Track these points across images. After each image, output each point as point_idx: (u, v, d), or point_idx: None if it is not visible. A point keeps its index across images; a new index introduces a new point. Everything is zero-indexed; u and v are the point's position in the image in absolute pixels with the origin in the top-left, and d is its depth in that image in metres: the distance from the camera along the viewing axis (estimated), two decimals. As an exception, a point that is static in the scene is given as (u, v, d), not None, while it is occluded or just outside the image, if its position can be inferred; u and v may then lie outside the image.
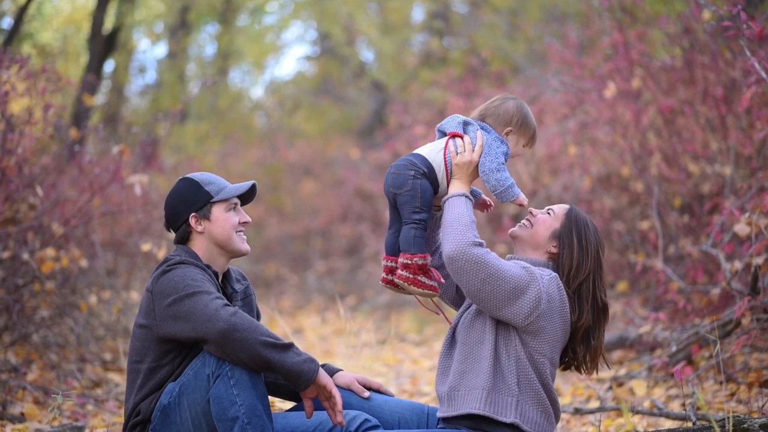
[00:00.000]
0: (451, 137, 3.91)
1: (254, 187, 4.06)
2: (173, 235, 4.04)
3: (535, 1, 14.24)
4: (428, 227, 3.97)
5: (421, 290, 3.83)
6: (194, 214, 3.95)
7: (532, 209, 4.03)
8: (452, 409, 3.79)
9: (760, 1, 7.88)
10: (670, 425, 5.09)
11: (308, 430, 3.87)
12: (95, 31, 13.16)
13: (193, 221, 3.95)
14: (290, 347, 3.65)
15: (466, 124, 3.93)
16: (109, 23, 14.02)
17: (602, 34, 9.32)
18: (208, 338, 3.65)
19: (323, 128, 19.14)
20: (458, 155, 3.86)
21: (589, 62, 9.22)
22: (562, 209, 3.99)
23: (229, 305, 3.69)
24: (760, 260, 5.59)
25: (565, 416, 5.67)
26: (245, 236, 4.03)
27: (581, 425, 5.53)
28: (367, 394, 4.01)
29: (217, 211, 3.96)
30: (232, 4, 19.05)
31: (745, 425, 4.20)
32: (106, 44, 13.51)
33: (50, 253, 6.44)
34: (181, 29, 18.55)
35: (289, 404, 5.04)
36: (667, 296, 7.05)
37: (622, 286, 8.13)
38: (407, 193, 3.82)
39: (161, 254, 7.28)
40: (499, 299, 3.67)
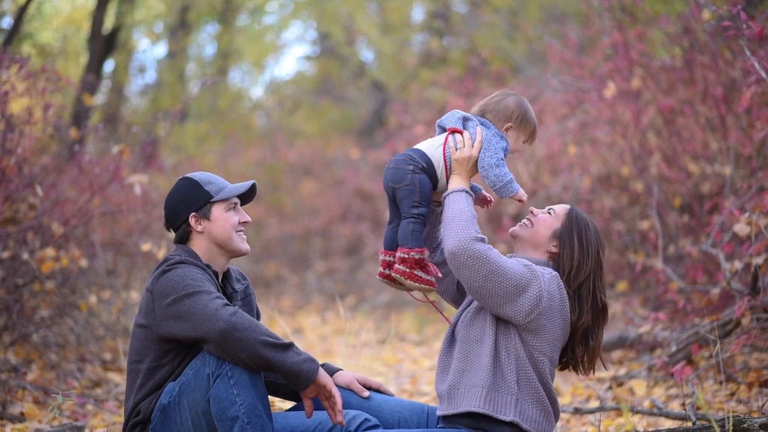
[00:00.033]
0: (450, 133, 3.91)
1: (254, 186, 4.06)
2: (173, 234, 4.04)
3: (534, 0, 14.23)
4: (428, 223, 3.97)
5: (417, 285, 3.82)
6: (194, 213, 3.95)
7: (532, 209, 4.03)
8: (452, 407, 3.79)
9: (759, 0, 7.88)
10: (669, 425, 5.09)
11: (308, 429, 3.87)
12: (95, 30, 13.16)
13: (192, 221, 3.95)
14: (290, 347, 3.65)
15: (465, 119, 3.93)
16: (109, 23, 14.02)
17: (602, 34, 9.32)
18: (208, 338, 3.65)
19: (323, 128, 19.14)
20: (458, 151, 3.86)
21: (589, 62, 9.22)
22: (563, 209, 3.99)
23: (229, 305, 3.69)
24: (759, 260, 5.59)
25: (564, 416, 5.67)
26: (245, 236, 4.03)
27: (581, 425, 5.53)
28: (366, 393, 4.01)
29: (216, 210, 3.96)
30: (231, 3, 19.05)
31: (745, 425, 4.20)
32: (105, 44, 13.51)
33: (50, 252, 6.43)
34: (180, 29, 18.55)
35: (289, 404, 5.04)
36: (666, 296, 7.05)
37: (622, 285, 8.13)
38: (406, 187, 3.82)
39: (161, 254, 7.28)
40: (500, 296, 3.67)
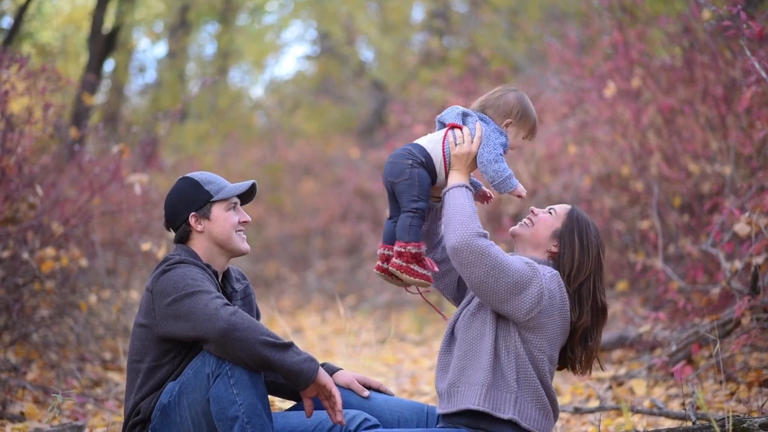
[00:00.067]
0: (450, 128, 3.91)
1: (254, 186, 4.06)
2: (173, 234, 4.03)
3: (534, 0, 14.24)
4: (428, 219, 3.98)
5: (413, 279, 3.82)
6: (194, 213, 3.95)
7: (533, 208, 4.03)
8: (451, 405, 3.79)
9: (760, 0, 7.88)
10: (669, 425, 5.09)
11: (308, 429, 3.88)
12: (95, 30, 13.16)
13: (192, 220, 3.95)
14: (290, 346, 3.65)
15: (465, 115, 3.93)
16: (109, 23, 14.02)
17: (602, 33, 9.32)
18: (208, 337, 3.65)
19: (323, 128, 19.14)
20: (457, 146, 3.86)
21: (588, 62, 9.22)
22: (563, 209, 3.99)
23: (229, 304, 3.69)
24: (759, 260, 5.59)
25: (564, 416, 5.67)
26: (245, 235, 4.03)
27: (581, 425, 5.52)
28: (366, 393, 4.01)
29: (216, 210, 3.96)
30: (231, 3, 19.05)
31: (744, 425, 4.20)
32: (105, 43, 13.51)
33: (50, 252, 6.43)
34: (180, 29, 18.55)
35: (288, 403, 5.04)
36: (666, 296, 7.05)
37: (621, 285, 8.13)
38: (405, 182, 3.82)
39: (161, 253, 7.28)
40: (501, 292, 3.67)
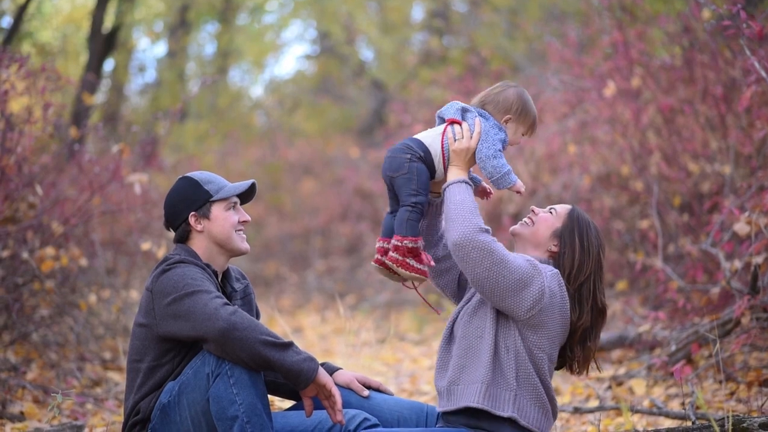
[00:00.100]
0: (449, 124, 3.91)
1: (254, 186, 4.06)
2: (173, 234, 4.03)
3: (534, 0, 14.24)
4: (428, 214, 3.98)
5: (409, 273, 3.83)
6: (194, 213, 3.95)
7: (534, 207, 4.03)
8: (451, 403, 3.79)
9: (759, 0, 7.88)
10: (669, 424, 5.09)
11: (308, 429, 3.88)
12: (95, 29, 13.16)
13: (192, 220, 3.95)
14: (290, 346, 3.65)
15: (464, 110, 3.93)
16: (108, 22, 14.02)
17: (602, 33, 9.32)
18: (207, 337, 3.65)
19: (323, 127, 19.15)
20: (456, 142, 3.86)
21: (588, 61, 9.21)
22: (564, 209, 3.99)
23: (228, 304, 3.69)
24: (759, 259, 5.59)
25: (564, 415, 5.66)
26: (245, 235, 4.03)
27: (581, 424, 5.52)
28: (366, 392, 4.01)
29: (216, 210, 3.96)
30: (231, 3, 19.06)
31: (744, 424, 4.20)
32: (105, 43, 13.51)
33: (50, 252, 6.43)
34: (180, 28, 18.56)
35: (288, 403, 5.04)
36: (666, 295, 7.05)
37: (621, 285, 8.12)
38: (403, 176, 3.83)
39: (161, 253, 7.28)
40: (503, 289, 3.67)
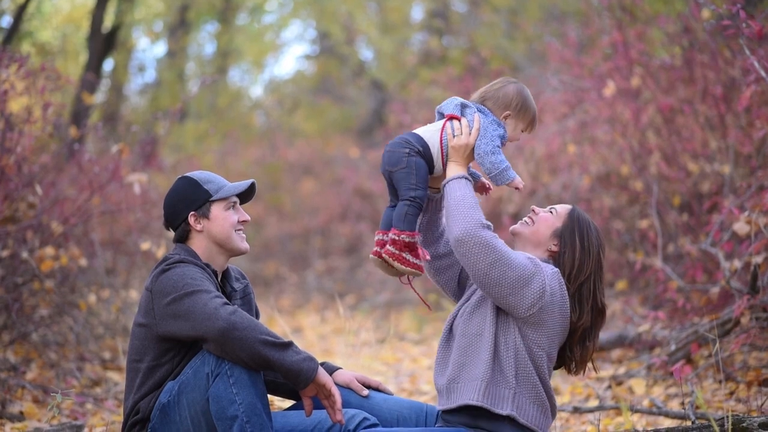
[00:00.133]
0: (448, 119, 3.91)
1: (253, 185, 4.06)
2: (172, 233, 4.03)
3: (534, 0, 14.24)
4: (429, 210, 3.98)
5: (404, 268, 3.83)
6: (193, 212, 3.94)
7: (534, 207, 4.03)
8: (450, 401, 3.79)
9: (759, 0, 7.88)
10: (669, 424, 5.09)
11: (307, 428, 3.87)
12: (94, 29, 13.17)
13: (192, 220, 3.95)
14: (289, 346, 3.65)
15: (464, 106, 3.93)
16: (108, 22, 14.02)
17: (602, 33, 9.32)
18: (207, 337, 3.64)
19: (322, 127, 19.15)
20: (455, 138, 3.86)
21: (588, 61, 9.22)
22: (564, 209, 3.99)
23: (228, 304, 3.69)
24: (759, 259, 5.59)
25: (564, 415, 5.66)
26: (244, 235, 4.03)
27: (580, 424, 5.53)
28: (366, 392, 4.01)
29: (216, 209, 3.96)
30: (231, 2, 19.06)
31: (744, 424, 4.20)
32: (105, 43, 13.51)
33: (49, 251, 6.43)
34: (180, 28, 18.56)
35: (288, 403, 5.04)
36: (666, 295, 7.05)
37: (621, 284, 8.12)
38: (402, 170, 3.83)
39: (160, 253, 7.28)
40: (504, 285, 3.67)
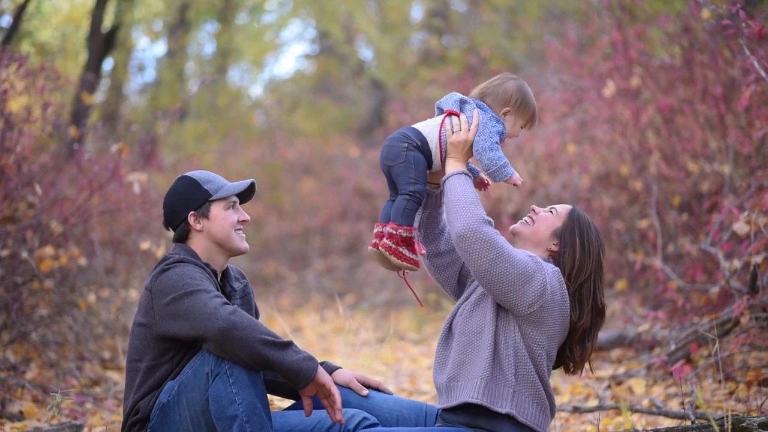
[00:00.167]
0: (447, 115, 3.90)
1: (253, 185, 4.06)
2: (172, 233, 4.03)
3: (534, -1, 14.25)
4: (429, 206, 3.98)
5: (400, 262, 3.82)
6: (193, 212, 3.94)
7: (534, 207, 4.03)
8: (450, 399, 3.79)
9: (759, 0, 7.88)
10: (668, 424, 5.09)
11: (307, 428, 3.87)
12: (94, 29, 13.17)
13: (191, 220, 3.95)
14: (289, 345, 3.65)
15: (463, 102, 3.93)
16: (108, 21, 14.02)
17: (601, 32, 9.32)
18: (207, 337, 3.64)
19: (322, 127, 19.15)
20: (454, 134, 3.86)
21: (588, 61, 9.21)
22: (564, 209, 3.99)
23: (228, 303, 3.69)
24: (759, 259, 5.58)
25: (563, 415, 5.67)
26: (244, 234, 4.03)
27: (580, 424, 5.53)
28: (365, 392, 4.01)
29: (215, 209, 3.96)
30: (231, 2, 19.06)
31: (743, 424, 4.20)
32: (105, 42, 13.51)
33: (49, 251, 6.43)
34: (180, 27, 18.56)
35: (288, 402, 5.04)
36: (666, 295, 7.05)
37: (620, 284, 8.13)
38: (401, 165, 3.83)
39: (160, 253, 7.27)
40: (505, 282, 3.67)
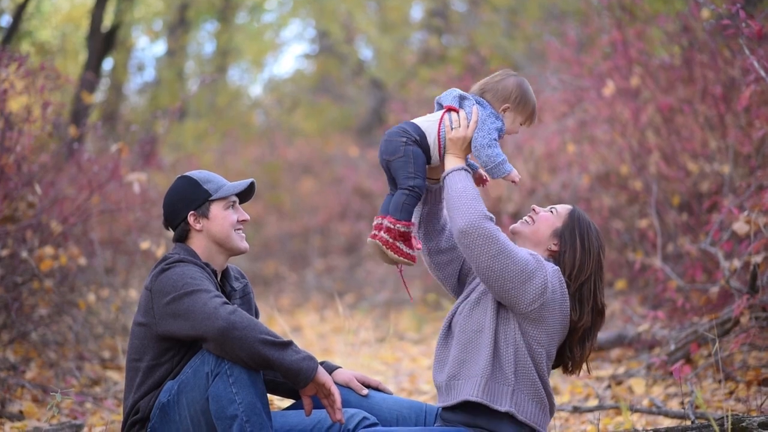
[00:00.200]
0: (446, 111, 3.91)
1: (253, 185, 4.06)
2: (172, 233, 4.03)
3: (534, -1, 14.25)
4: (429, 201, 3.98)
5: (396, 257, 3.82)
6: (193, 212, 3.94)
7: (534, 206, 4.03)
8: (450, 398, 3.79)
9: (759, 0, 7.88)
10: (668, 424, 5.09)
11: (307, 428, 3.88)
12: (94, 28, 13.17)
13: (191, 219, 3.95)
14: (289, 345, 3.65)
15: (462, 98, 3.92)
16: (108, 21, 14.02)
17: (601, 32, 9.31)
18: (207, 336, 3.64)
19: (322, 126, 19.15)
20: (453, 130, 3.86)
21: (588, 60, 9.21)
22: (565, 209, 3.99)
23: (228, 303, 3.69)
24: (758, 258, 5.59)
25: (563, 414, 5.67)
26: (244, 234, 4.03)
27: (580, 423, 5.53)
28: (365, 391, 4.01)
29: (215, 209, 3.96)
30: (231, 1, 19.06)
31: (743, 424, 4.20)
32: (104, 42, 13.51)
33: (49, 251, 6.43)
34: (180, 27, 18.56)
35: (288, 402, 5.04)
36: (665, 294, 7.05)
37: (620, 284, 8.13)
38: (400, 159, 3.82)
39: (160, 252, 7.28)
40: (506, 279, 3.67)
